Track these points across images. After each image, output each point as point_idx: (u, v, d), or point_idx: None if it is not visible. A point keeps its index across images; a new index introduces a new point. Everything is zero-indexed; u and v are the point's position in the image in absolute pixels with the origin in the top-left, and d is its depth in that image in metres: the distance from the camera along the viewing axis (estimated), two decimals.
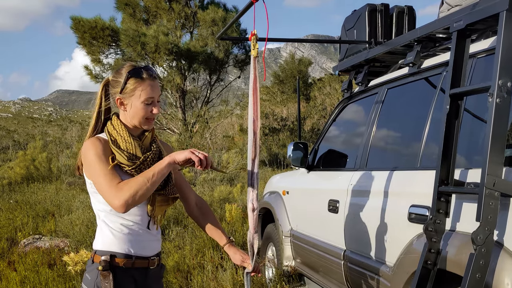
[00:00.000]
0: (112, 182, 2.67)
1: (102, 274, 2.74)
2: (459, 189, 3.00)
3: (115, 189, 2.64)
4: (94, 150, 2.75)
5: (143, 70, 2.83)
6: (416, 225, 3.40)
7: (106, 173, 2.70)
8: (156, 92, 2.87)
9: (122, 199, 2.60)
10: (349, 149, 5.23)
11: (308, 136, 25.69)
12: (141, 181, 2.64)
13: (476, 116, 3.28)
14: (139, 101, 2.81)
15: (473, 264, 2.63)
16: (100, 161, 2.73)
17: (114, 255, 2.79)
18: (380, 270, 3.85)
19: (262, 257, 6.88)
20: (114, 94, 2.86)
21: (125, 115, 2.89)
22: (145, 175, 2.66)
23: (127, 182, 2.65)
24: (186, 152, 2.66)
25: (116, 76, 2.86)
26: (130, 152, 2.82)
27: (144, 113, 2.84)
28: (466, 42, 3.17)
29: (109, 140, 2.83)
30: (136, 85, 2.80)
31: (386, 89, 4.52)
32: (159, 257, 3.01)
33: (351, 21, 5.18)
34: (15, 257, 8.07)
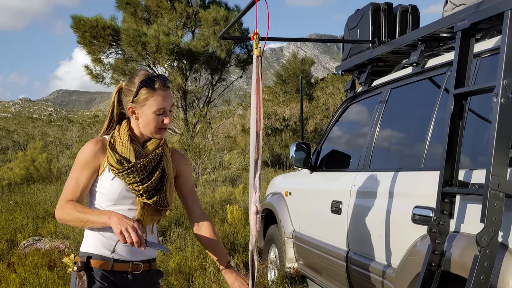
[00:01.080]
0: (68, 193, 2.85)
1: (78, 275, 2.81)
2: (464, 190, 3.00)
3: (62, 201, 2.84)
4: (82, 157, 2.87)
5: (156, 80, 2.84)
6: (420, 227, 3.40)
7: (72, 183, 2.86)
8: (168, 102, 2.88)
9: (58, 215, 2.84)
10: (352, 149, 5.23)
11: (311, 137, 25.70)
12: (76, 218, 2.77)
13: (481, 116, 3.28)
14: (150, 111, 2.84)
15: (478, 266, 2.63)
16: (80, 168, 2.86)
17: (90, 256, 2.85)
18: (383, 272, 3.85)
19: (265, 258, 6.88)
20: (126, 102, 2.89)
21: (136, 124, 2.93)
22: (83, 216, 2.75)
23: (70, 208, 2.79)
24: (118, 228, 2.64)
25: (129, 84, 2.88)
26: (123, 155, 2.86)
27: (156, 123, 2.88)
28: (470, 42, 3.17)
29: (108, 142, 2.89)
30: (148, 95, 2.82)
31: (389, 89, 4.52)
32: (150, 263, 3.02)
33: (354, 20, 5.19)
34: (14, 258, 8.08)
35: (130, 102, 2.85)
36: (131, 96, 2.84)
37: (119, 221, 2.65)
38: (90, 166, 2.85)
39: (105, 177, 2.87)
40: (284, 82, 40.46)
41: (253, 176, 2.91)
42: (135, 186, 2.84)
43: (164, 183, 2.97)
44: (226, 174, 18.21)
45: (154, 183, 2.90)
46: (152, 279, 3.06)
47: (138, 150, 2.91)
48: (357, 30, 5.09)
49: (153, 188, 2.90)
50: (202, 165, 19.28)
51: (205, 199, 13.19)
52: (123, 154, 2.86)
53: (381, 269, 3.88)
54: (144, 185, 2.86)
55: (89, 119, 70.16)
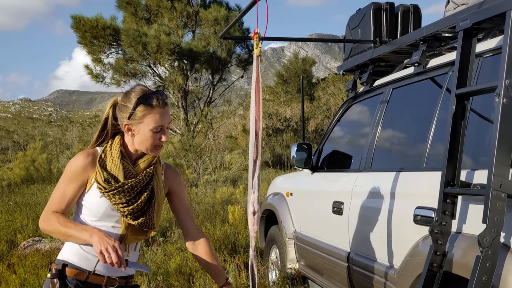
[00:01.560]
0: (53, 204, 2.83)
1: (51, 282, 2.79)
2: (465, 191, 3.00)
3: (47, 212, 2.82)
4: (73, 167, 2.84)
5: (154, 96, 2.79)
6: (421, 227, 3.40)
7: (58, 194, 2.84)
8: (166, 119, 2.83)
9: (41, 225, 2.83)
10: (354, 150, 5.23)
11: (312, 137, 25.69)
12: (58, 231, 2.76)
13: (483, 116, 3.28)
14: (148, 128, 2.79)
15: (480, 267, 2.63)
16: (67, 180, 2.84)
17: (66, 264, 2.83)
18: (385, 272, 3.85)
19: (266, 259, 6.88)
20: (122, 118, 2.83)
21: (131, 140, 2.88)
22: (66, 230, 2.73)
23: (54, 220, 2.77)
24: (99, 248, 2.62)
25: (125, 100, 2.83)
26: (111, 173, 2.82)
27: (152, 141, 2.83)
28: (472, 41, 3.17)
29: (98, 157, 2.85)
30: (145, 113, 2.77)
31: (391, 89, 4.52)
32: (127, 279, 2.98)
33: (355, 20, 5.19)
34: (14, 259, 8.08)
35: (126, 119, 2.79)
36: (127, 113, 2.79)
37: (100, 240, 2.62)
38: (78, 179, 2.82)
39: (92, 192, 2.83)
40: (285, 82, 40.43)
41: (251, 176, 2.91)
42: (120, 207, 2.80)
43: (152, 205, 2.91)
44: (227, 174, 18.22)
45: (141, 204, 2.85)
46: None
47: (128, 168, 2.87)
48: (359, 30, 5.09)
49: (139, 209, 2.85)
50: (203, 166, 19.28)
51: (205, 199, 13.19)
52: (112, 172, 2.82)
53: (383, 270, 3.89)
54: (130, 207, 2.81)
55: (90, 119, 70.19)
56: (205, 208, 11.82)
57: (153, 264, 7.37)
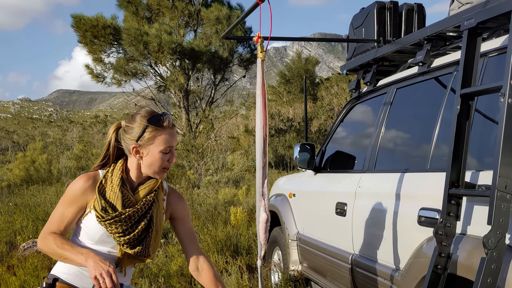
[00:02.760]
0: (52, 225, 2.84)
1: None
2: (470, 192, 3.00)
3: (46, 232, 2.83)
4: (73, 190, 2.84)
5: (162, 118, 2.81)
6: (426, 229, 3.40)
7: (58, 216, 2.85)
8: (175, 140, 2.85)
9: (39, 245, 2.84)
10: (357, 150, 5.23)
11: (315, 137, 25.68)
12: (54, 252, 2.76)
13: (488, 116, 3.28)
14: (157, 150, 2.80)
15: (484, 269, 2.63)
16: (67, 202, 2.84)
17: (57, 279, 2.85)
18: (389, 274, 3.85)
19: (268, 261, 6.89)
20: (130, 141, 2.83)
21: (137, 163, 2.88)
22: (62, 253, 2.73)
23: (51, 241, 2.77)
24: (93, 273, 2.61)
25: (131, 122, 2.84)
26: (110, 201, 2.81)
27: (161, 163, 2.84)
28: (477, 41, 3.17)
29: (99, 183, 2.85)
30: (155, 133, 2.78)
31: (395, 89, 4.52)
32: None
33: (359, 19, 5.19)
34: (14, 261, 8.09)
35: (135, 141, 2.80)
36: (135, 135, 2.80)
37: (95, 265, 2.62)
38: (77, 202, 2.83)
39: (90, 217, 2.84)
40: (288, 82, 40.44)
41: (261, 183, 2.89)
42: (116, 237, 2.80)
43: (149, 234, 2.91)
44: (229, 175, 18.21)
45: (138, 234, 2.85)
46: None
47: (128, 196, 2.86)
48: (362, 29, 5.09)
49: (136, 239, 2.85)
50: (205, 166, 19.28)
51: (208, 200, 13.19)
52: (110, 199, 2.81)
53: (387, 272, 3.89)
54: (126, 236, 2.81)
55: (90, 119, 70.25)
56: (207, 209, 11.82)
57: (154, 266, 7.38)
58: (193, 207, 11.94)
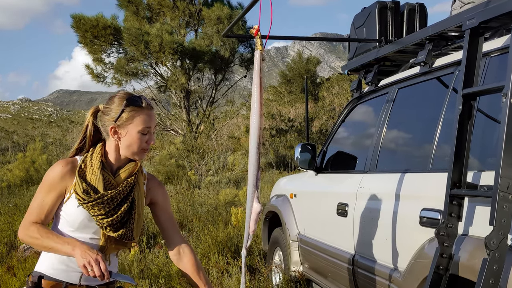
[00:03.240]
0: (32, 215, 2.82)
1: None
2: (472, 192, 3.00)
3: (27, 223, 2.81)
4: (51, 176, 2.84)
5: (141, 99, 2.85)
6: (427, 229, 3.40)
7: (37, 204, 2.84)
8: (153, 122, 2.89)
9: (20, 236, 2.83)
10: (359, 150, 5.23)
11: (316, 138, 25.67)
12: (39, 243, 2.75)
13: (490, 116, 3.28)
14: (136, 130, 2.83)
15: (486, 269, 2.63)
16: (46, 189, 2.84)
17: (42, 276, 2.83)
18: (390, 275, 3.85)
19: (269, 262, 6.89)
20: (108, 121, 2.85)
21: (116, 145, 2.90)
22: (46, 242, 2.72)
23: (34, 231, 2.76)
24: (82, 262, 2.63)
25: (110, 103, 2.87)
26: (91, 184, 2.82)
27: (140, 143, 2.86)
28: (479, 41, 3.17)
29: (78, 167, 2.85)
30: (133, 114, 2.82)
31: (396, 89, 4.52)
32: (108, 285, 2.96)
33: (360, 19, 5.19)
34: (14, 262, 8.10)
35: (113, 122, 2.82)
36: (113, 115, 2.83)
37: (83, 253, 2.64)
38: (56, 188, 2.82)
39: (70, 203, 2.83)
40: (289, 82, 40.42)
41: (254, 174, 2.92)
42: (99, 219, 2.80)
43: (132, 216, 2.91)
44: (230, 175, 18.20)
45: (120, 216, 2.85)
46: None
47: (109, 179, 2.87)
48: (364, 29, 5.09)
49: (118, 221, 2.85)
50: (206, 167, 19.28)
51: (208, 201, 13.19)
52: (91, 182, 2.82)
53: (388, 272, 3.89)
54: (109, 218, 2.81)
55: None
56: (207, 210, 11.82)
57: (155, 266, 7.38)
58: (194, 208, 11.94)
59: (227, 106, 26.05)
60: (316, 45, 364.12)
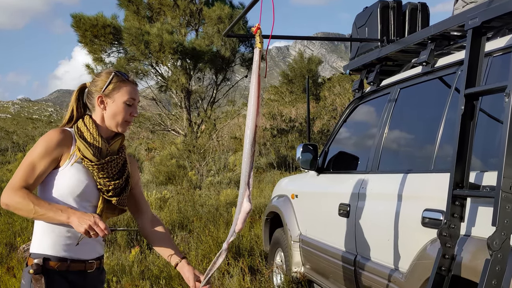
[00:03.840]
0: (19, 180, 2.76)
1: (34, 278, 2.77)
2: (474, 193, 3.00)
3: (13, 188, 2.74)
4: (45, 144, 2.81)
5: (127, 74, 3.01)
6: (429, 230, 3.40)
7: (26, 168, 2.79)
8: (137, 96, 3.01)
9: (4, 200, 2.73)
10: (361, 151, 5.23)
11: (318, 138, 25.68)
12: (28, 208, 2.70)
13: (492, 116, 3.28)
14: (121, 100, 2.93)
15: (489, 270, 2.63)
16: (40, 154, 2.79)
17: (47, 258, 2.82)
18: (392, 276, 3.85)
19: (270, 263, 6.89)
20: (95, 92, 2.94)
21: (101, 115, 2.97)
22: (37, 208, 2.70)
23: (23, 196, 2.71)
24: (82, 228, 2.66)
25: (97, 77, 2.99)
26: (97, 147, 2.89)
27: (124, 114, 2.95)
28: (481, 40, 3.17)
29: (76, 134, 2.89)
30: (120, 84, 2.94)
31: (398, 89, 4.52)
32: (100, 260, 3.05)
33: (362, 18, 5.19)
34: (14, 262, 8.09)
35: (100, 92, 2.92)
36: (100, 86, 2.93)
37: (80, 220, 2.67)
38: (51, 154, 2.80)
39: (70, 169, 2.84)
40: (290, 81, 40.43)
41: (247, 173, 2.93)
42: (106, 181, 2.89)
43: (128, 184, 3.06)
44: (231, 176, 18.22)
45: (123, 181, 2.99)
46: (100, 277, 3.09)
47: (106, 146, 2.95)
48: (366, 29, 5.09)
49: (119, 187, 2.96)
50: (207, 167, 19.30)
51: (209, 201, 13.20)
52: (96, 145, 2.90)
53: (390, 273, 3.89)
54: (115, 181, 2.93)
55: None
56: (208, 210, 11.82)
57: (155, 267, 7.38)
58: (194, 209, 11.94)
59: (228, 106, 26.06)
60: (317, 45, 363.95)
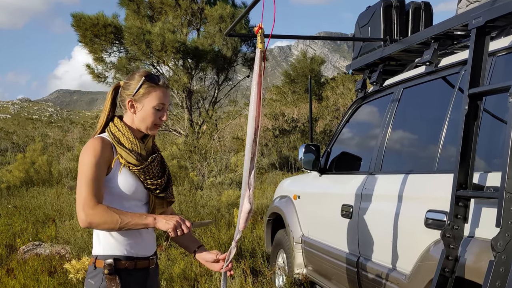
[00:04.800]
0: (92, 195, 2.79)
1: (108, 278, 2.88)
2: (478, 194, 3.00)
3: (92, 203, 2.77)
4: (93, 153, 2.86)
5: (159, 77, 3.02)
6: (433, 231, 3.40)
7: (92, 182, 2.81)
8: (167, 99, 3.05)
9: (89, 220, 2.76)
10: (363, 151, 5.23)
11: (320, 138, 25.68)
12: (115, 220, 2.76)
13: (496, 117, 3.28)
14: (151, 105, 2.97)
15: (493, 272, 2.63)
16: (93, 166, 2.83)
17: (117, 258, 2.93)
18: (395, 278, 3.85)
19: (272, 264, 6.89)
20: (126, 96, 2.99)
21: (132, 118, 3.03)
22: (122, 218, 2.77)
23: (105, 210, 2.76)
24: (170, 227, 2.79)
25: (130, 79, 3.02)
26: (137, 151, 2.96)
27: (154, 118, 3.00)
28: (485, 40, 3.18)
29: (113, 141, 2.95)
30: (150, 89, 2.97)
31: (401, 88, 4.52)
32: (156, 255, 3.18)
33: (365, 17, 5.19)
34: (14, 264, 8.11)
35: (131, 96, 2.97)
36: (131, 90, 2.97)
37: (167, 219, 2.81)
38: (102, 162, 2.87)
39: (119, 174, 2.93)
40: (292, 81, 40.45)
41: (248, 173, 2.96)
42: (153, 181, 3.00)
43: (170, 178, 3.18)
44: (233, 176, 18.19)
45: (167, 177, 3.11)
46: (156, 271, 3.22)
47: (143, 147, 3.03)
48: (368, 28, 5.09)
49: (164, 183, 3.08)
50: (208, 168, 19.28)
51: (211, 202, 13.19)
52: (136, 150, 2.97)
53: (393, 275, 3.89)
54: (159, 180, 3.04)
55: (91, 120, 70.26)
56: (210, 211, 11.82)
57: None
58: (196, 209, 11.94)
59: (230, 106, 26.05)
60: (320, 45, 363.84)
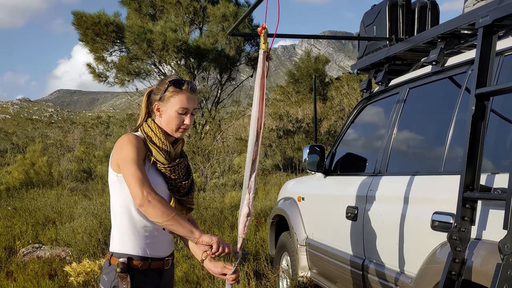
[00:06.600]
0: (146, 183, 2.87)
1: (120, 276, 2.97)
2: (485, 195, 3.00)
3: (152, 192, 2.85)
4: (131, 142, 2.97)
5: (184, 82, 3.12)
6: (439, 233, 3.40)
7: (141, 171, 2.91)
8: (192, 104, 3.14)
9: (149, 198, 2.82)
10: (369, 152, 5.24)
11: (325, 139, 25.67)
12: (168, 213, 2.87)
13: (504, 117, 3.28)
14: (173, 109, 3.09)
15: (500, 275, 2.63)
16: (137, 156, 2.95)
17: (131, 257, 3.02)
18: (401, 281, 3.85)
19: (276, 267, 6.89)
20: (154, 101, 3.16)
21: (159, 121, 3.16)
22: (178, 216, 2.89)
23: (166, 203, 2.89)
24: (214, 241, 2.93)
25: (160, 84, 3.19)
26: (167, 151, 3.08)
27: (177, 122, 3.12)
28: (492, 39, 3.17)
29: (146, 138, 3.08)
30: (173, 94, 3.09)
31: (407, 88, 4.52)
32: (172, 257, 3.29)
33: (370, 16, 5.19)
34: (13, 267, 8.13)
35: (158, 100, 3.12)
36: (159, 95, 3.12)
37: (210, 237, 2.93)
38: (142, 153, 2.99)
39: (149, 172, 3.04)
40: (296, 81, 40.46)
41: (248, 177, 3.00)
42: (177, 182, 3.12)
43: (193, 183, 3.28)
44: (236, 178, 18.21)
45: (190, 182, 3.22)
46: (171, 272, 3.33)
47: (172, 150, 3.14)
48: (374, 27, 5.09)
49: (188, 186, 3.20)
50: (211, 169, 19.30)
51: (213, 204, 13.20)
52: (165, 149, 3.09)
53: (399, 278, 3.89)
54: (186, 181, 3.16)
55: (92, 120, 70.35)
56: (213, 213, 11.82)
57: None
58: (198, 211, 11.95)
59: (233, 107, 26.09)
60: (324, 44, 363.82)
